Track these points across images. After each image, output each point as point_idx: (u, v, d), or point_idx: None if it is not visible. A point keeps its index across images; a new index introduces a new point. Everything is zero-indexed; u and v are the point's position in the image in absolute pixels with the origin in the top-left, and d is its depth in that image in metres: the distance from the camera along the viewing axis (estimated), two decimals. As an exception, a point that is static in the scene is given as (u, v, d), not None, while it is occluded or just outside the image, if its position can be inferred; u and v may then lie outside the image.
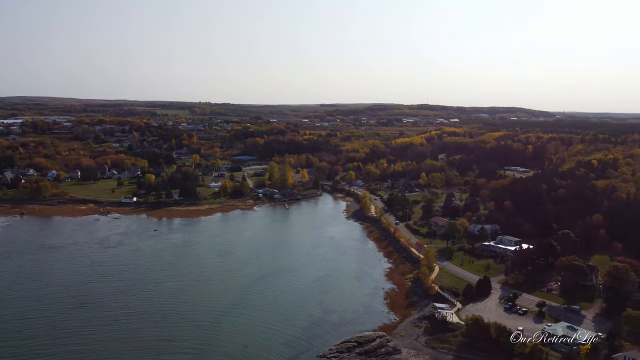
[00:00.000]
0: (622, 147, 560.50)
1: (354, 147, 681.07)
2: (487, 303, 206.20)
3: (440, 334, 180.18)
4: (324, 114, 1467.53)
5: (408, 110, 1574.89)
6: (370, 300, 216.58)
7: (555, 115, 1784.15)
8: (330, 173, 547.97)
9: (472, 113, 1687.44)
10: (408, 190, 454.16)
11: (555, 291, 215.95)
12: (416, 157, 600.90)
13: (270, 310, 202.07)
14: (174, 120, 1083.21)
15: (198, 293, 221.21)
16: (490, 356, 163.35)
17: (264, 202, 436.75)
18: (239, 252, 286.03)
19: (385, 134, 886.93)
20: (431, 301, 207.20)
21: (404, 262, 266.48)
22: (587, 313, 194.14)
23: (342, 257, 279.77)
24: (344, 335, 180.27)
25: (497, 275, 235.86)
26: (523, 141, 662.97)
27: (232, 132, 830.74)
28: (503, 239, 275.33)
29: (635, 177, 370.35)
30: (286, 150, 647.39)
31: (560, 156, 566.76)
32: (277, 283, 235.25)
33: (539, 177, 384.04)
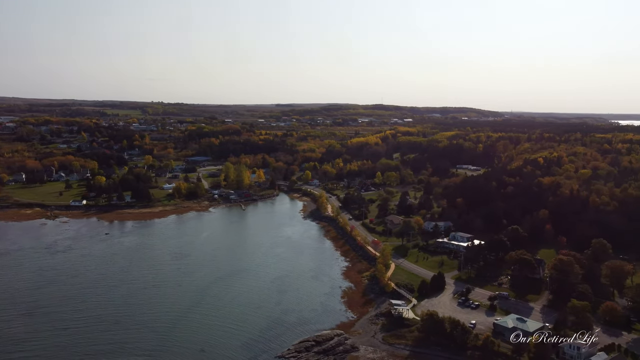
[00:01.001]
0: (566, 146, 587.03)
1: (310, 147, 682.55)
2: (442, 298, 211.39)
3: (396, 330, 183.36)
4: (279, 114, 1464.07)
5: (363, 110, 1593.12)
6: (327, 299, 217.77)
7: (503, 115, 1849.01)
8: (287, 173, 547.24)
9: (425, 113, 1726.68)
10: (364, 189, 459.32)
11: (506, 285, 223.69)
12: (371, 156, 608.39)
13: (228, 312, 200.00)
14: (125, 121, 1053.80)
15: (152, 297, 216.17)
16: (445, 350, 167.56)
17: (219, 203, 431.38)
18: (194, 255, 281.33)
19: (341, 134, 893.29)
20: (387, 298, 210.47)
21: (361, 261, 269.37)
22: (535, 305, 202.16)
23: (299, 257, 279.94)
24: (302, 334, 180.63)
25: (450, 270, 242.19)
26: (474, 140, 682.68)
27: (186, 132, 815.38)
28: (456, 235, 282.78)
29: (578, 174, 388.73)
30: (242, 151, 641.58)
31: (508, 154, 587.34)
32: (234, 284, 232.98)
33: (489, 175, 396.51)
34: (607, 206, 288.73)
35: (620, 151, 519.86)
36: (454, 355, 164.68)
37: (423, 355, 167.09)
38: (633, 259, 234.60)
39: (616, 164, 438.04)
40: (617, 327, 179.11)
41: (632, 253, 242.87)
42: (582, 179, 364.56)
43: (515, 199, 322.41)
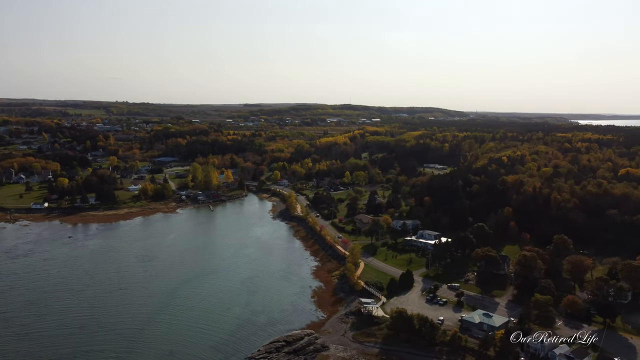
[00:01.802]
0: (528, 145, 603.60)
1: (278, 147, 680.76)
2: (410, 295, 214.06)
3: (366, 328, 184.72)
4: (248, 113, 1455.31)
5: (331, 110, 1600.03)
6: (297, 299, 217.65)
7: (469, 115, 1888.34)
8: (256, 173, 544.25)
9: (393, 113, 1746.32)
10: (333, 189, 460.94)
11: (472, 281, 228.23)
12: (340, 156, 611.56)
13: (197, 314, 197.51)
14: (89, 121, 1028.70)
15: (119, 301, 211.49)
16: (414, 346, 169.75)
17: (187, 205, 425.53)
18: (162, 257, 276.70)
19: (309, 134, 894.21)
20: (357, 297, 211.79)
21: (330, 260, 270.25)
22: (500, 300, 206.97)
23: (269, 257, 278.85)
24: (273, 335, 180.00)
25: (418, 268, 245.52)
26: (440, 140, 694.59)
27: (152, 132, 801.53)
28: (424, 233, 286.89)
29: (540, 172, 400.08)
30: (210, 151, 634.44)
31: (474, 153, 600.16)
32: (203, 286, 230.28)
33: (455, 174, 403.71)
34: (568, 203, 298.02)
35: (580, 150, 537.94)
36: (422, 352, 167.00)
37: (392, 352, 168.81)
38: (592, 253, 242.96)
39: (576, 162, 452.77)
40: (578, 319, 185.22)
41: (591, 248, 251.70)
42: (544, 177, 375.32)
43: (480, 197, 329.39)
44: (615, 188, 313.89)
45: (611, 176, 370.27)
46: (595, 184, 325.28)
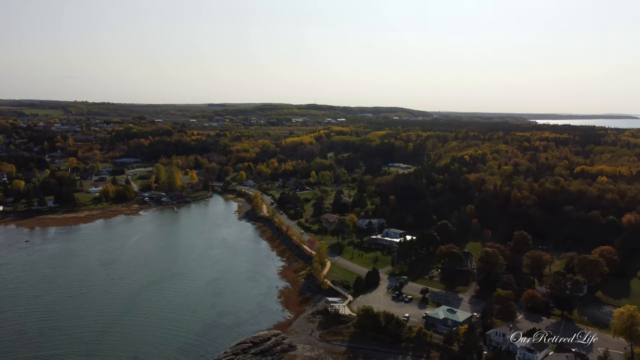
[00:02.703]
0: (489, 144, 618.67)
1: (244, 147, 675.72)
2: (377, 293, 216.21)
3: (333, 327, 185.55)
4: (212, 113, 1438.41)
5: (297, 110, 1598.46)
6: (264, 300, 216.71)
7: (432, 115, 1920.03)
8: (221, 174, 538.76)
9: (358, 113, 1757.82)
10: (299, 189, 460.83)
11: (437, 278, 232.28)
12: (306, 155, 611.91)
13: (161, 318, 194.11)
14: (46, 121, 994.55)
15: (80, 305, 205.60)
16: (381, 343, 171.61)
17: (150, 206, 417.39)
18: (124, 259, 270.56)
19: (275, 134, 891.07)
20: (324, 296, 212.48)
21: (297, 260, 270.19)
22: (464, 296, 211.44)
23: (235, 258, 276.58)
24: (239, 336, 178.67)
25: (384, 266, 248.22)
26: (404, 139, 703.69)
27: (113, 133, 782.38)
28: (389, 231, 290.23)
29: (501, 170, 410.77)
30: (173, 152, 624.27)
31: (437, 152, 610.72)
32: (168, 289, 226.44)
33: (419, 173, 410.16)
34: (527, 200, 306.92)
35: (538, 148, 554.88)
36: (389, 349, 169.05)
37: (359, 350, 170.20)
38: (550, 248, 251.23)
39: (534, 161, 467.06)
40: (538, 312, 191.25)
41: (549, 243, 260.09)
42: (505, 175, 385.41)
43: (444, 195, 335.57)
44: (571, 185, 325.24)
45: (567, 174, 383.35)
46: (552, 182, 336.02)
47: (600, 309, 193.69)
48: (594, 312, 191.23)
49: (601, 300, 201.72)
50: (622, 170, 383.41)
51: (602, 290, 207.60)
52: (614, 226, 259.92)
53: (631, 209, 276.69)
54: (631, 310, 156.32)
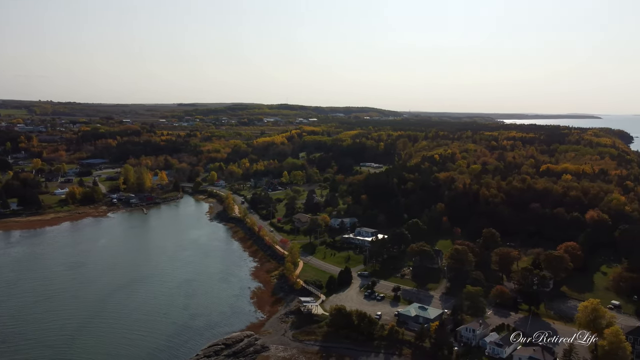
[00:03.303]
0: (459, 143, 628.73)
1: (215, 147, 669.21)
2: (349, 292, 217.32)
3: (306, 326, 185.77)
4: (182, 113, 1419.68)
5: (268, 110, 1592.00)
6: (237, 301, 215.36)
7: (402, 115, 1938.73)
8: (191, 174, 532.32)
9: (330, 112, 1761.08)
10: (271, 189, 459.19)
11: (408, 276, 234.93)
12: (278, 155, 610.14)
13: (132, 321, 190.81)
14: (8, 121, 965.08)
15: (46, 310, 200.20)
16: (353, 342, 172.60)
17: (119, 208, 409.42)
18: (92, 263, 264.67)
19: (246, 134, 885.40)
20: (297, 296, 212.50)
21: (269, 260, 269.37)
22: (435, 293, 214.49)
23: (206, 260, 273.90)
24: (211, 338, 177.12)
25: (357, 265, 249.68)
26: (376, 139, 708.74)
27: (79, 133, 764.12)
28: (361, 230, 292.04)
29: (470, 169, 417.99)
30: (142, 152, 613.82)
31: (408, 152, 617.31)
32: (138, 291, 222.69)
33: (391, 172, 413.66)
34: (495, 198, 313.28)
35: (506, 147, 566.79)
36: (361, 347, 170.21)
37: (332, 349, 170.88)
38: (518, 245, 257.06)
39: (502, 159, 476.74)
40: (506, 308, 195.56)
41: (516, 240, 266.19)
42: (473, 174, 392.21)
43: (414, 194, 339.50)
44: (537, 183, 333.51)
45: (534, 172, 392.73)
46: (519, 180, 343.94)
47: (566, 303, 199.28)
48: (559, 307, 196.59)
49: (566, 294, 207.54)
50: (585, 169, 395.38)
51: (567, 285, 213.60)
52: (578, 222, 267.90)
53: (594, 205, 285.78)
54: (594, 304, 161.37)
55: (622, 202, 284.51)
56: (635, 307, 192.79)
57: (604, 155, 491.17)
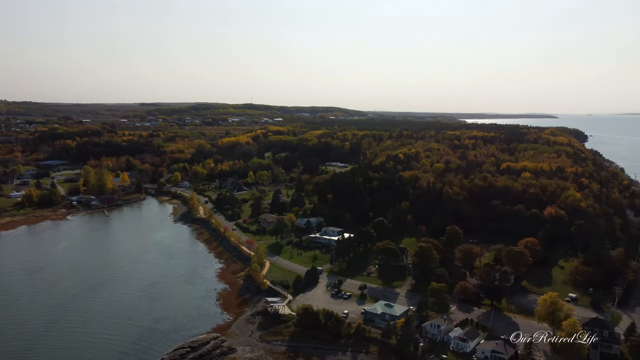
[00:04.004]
0: (422, 142, 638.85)
1: (178, 148, 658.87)
2: (316, 292, 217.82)
3: (273, 327, 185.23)
4: (144, 113, 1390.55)
5: (233, 110, 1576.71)
6: (202, 303, 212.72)
7: (367, 115, 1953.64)
8: (154, 175, 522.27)
9: (295, 112, 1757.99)
10: (236, 189, 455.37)
11: (374, 274, 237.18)
12: (243, 156, 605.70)
13: (94, 326, 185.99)
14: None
15: (0, 318, 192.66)
16: (321, 341, 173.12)
17: (79, 211, 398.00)
18: (52, 267, 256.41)
19: (211, 134, 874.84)
20: (263, 296, 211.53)
21: (236, 261, 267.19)
22: (400, 290, 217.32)
23: (171, 262, 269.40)
24: (177, 342, 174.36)
25: (323, 264, 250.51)
26: (341, 138, 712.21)
27: (36, 134, 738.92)
28: (327, 230, 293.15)
29: (433, 167, 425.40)
30: (103, 153, 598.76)
31: (373, 151, 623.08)
32: (101, 296, 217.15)
33: (356, 171, 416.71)
34: (458, 196, 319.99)
35: (468, 146, 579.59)
36: (329, 345, 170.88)
37: (300, 348, 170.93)
38: (480, 241, 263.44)
39: (464, 158, 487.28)
40: (470, 303, 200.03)
41: (479, 237, 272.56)
42: (437, 172, 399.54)
43: (380, 193, 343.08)
44: (498, 181, 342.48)
45: (494, 170, 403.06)
46: (481, 178, 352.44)
47: (526, 297, 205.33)
48: (520, 301, 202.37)
49: (526, 288, 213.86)
50: (543, 167, 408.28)
51: (527, 280, 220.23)
52: (537, 219, 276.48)
53: (551, 202, 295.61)
54: (553, 297, 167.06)
55: (578, 198, 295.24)
56: (590, 299, 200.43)
57: (560, 153, 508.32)
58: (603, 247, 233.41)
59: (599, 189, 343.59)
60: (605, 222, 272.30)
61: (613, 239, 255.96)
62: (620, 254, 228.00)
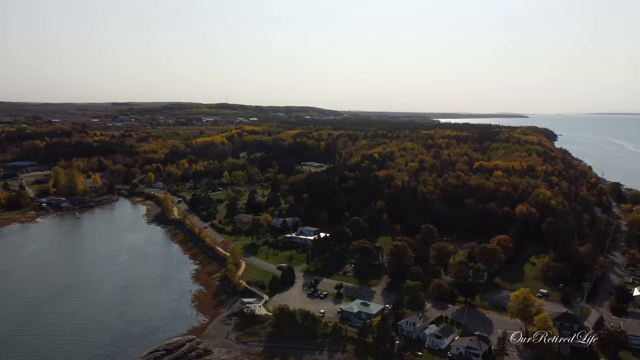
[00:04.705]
0: (397, 141, 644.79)
1: (152, 148, 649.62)
2: (292, 292, 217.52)
3: (250, 327, 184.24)
4: (116, 113, 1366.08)
5: (207, 110, 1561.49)
6: (177, 305, 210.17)
7: (342, 114, 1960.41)
8: (127, 176, 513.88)
9: (270, 112, 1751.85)
10: (211, 190, 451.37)
11: (350, 273, 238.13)
12: (218, 156, 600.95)
13: (66, 330, 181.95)
14: None
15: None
16: (297, 341, 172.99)
17: (49, 213, 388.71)
18: (20, 271, 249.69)
19: (185, 134, 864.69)
20: (239, 297, 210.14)
21: (211, 262, 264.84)
22: (376, 289, 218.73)
23: (145, 264, 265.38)
24: (151, 345, 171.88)
25: (299, 264, 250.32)
26: (316, 138, 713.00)
27: (3, 134, 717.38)
28: (303, 229, 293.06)
29: (408, 167, 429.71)
30: (74, 154, 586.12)
31: (348, 151, 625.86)
32: (72, 299, 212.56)
33: (332, 171, 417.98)
34: (432, 195, 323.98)
35: (441, 145, 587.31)
36: (305, 345, 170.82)
37: (276, 349, 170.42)
38: (454, 239, 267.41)
39: (438, 157, 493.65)
40: (444, 300, 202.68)
41: (453, 234, 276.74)
42: (411, 171, 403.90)
43: (355, 192, 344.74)
44: (471, 179, 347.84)
45: (467, 169, 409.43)
46: (454, 177, 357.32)
47: (499, 294, 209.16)
48: (493, 297, 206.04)
49: (499, 285, 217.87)
50: (515, 165, 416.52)
51: (500, 276, 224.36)
52: (509, 216, 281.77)
53: (523, 200, 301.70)
54: (525, 293, 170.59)
55: (548, 196, 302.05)
56: (561, 294, 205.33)
57: (531, 152, 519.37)
58: (572, 244, 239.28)
59: (568, 187, 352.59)
60: (574, 219, 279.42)
61: (581, 236, 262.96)
62: (588, 250, 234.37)
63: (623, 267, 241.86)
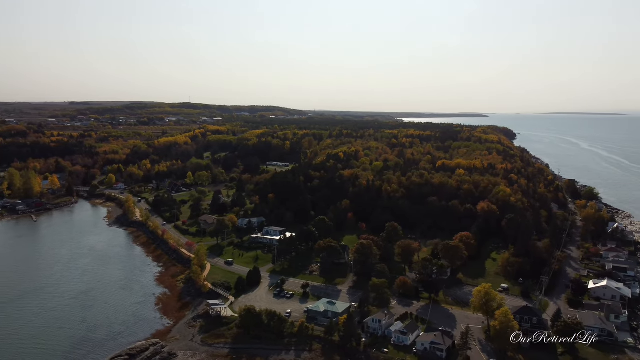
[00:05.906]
0: (362, 141, 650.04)
1: (112, 149, 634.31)
2: (258, 292, 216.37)
3: (215, 329, 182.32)
4: (74, 112, 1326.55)
5: (170, 109, 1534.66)
6: (140, 309, 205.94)
7: (307, 114, 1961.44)
8: (87, 178, 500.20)
9: (235, 111, 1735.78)
10: (175, 191, 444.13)
11: (316, 272, 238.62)
12: (181, 156, 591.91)
13: (23, 337, 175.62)
14: None
15: None
16: (264, 341, 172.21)
17: (3, 216, 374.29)
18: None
19: (147, 134, 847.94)
20: (205, 299, 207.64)
21: (175, 264, 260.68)
22: (342, 287, 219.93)
23: (106, 267, 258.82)
24: (113, 350, 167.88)
25: (265, 264, 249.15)
26: (282, 138, 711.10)
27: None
28: (269, 229, 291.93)
29: (372, 166, 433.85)
30: (29, 155, 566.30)
31: (313, 150, 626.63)
32: (29, 305, 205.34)
33: (297, 170, 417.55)
34: (397, 193, 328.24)
35: (405, 145, 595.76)
36: (272, 345, 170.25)
37: (243, 350, 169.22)
38: (418, 237, 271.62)
39: (402, 156, 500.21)
40: (409, 297, 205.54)
41: (417, 232, 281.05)
42: (376, 170, 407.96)
43: (321, 192, 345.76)
44: (434, 178, 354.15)
45: (431, 167, 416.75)
46: (418, 175, 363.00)
47: (462, 289, 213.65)
48: (456, 293, 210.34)
49: (462, 281, 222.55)
50: (476, 164, 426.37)
51: (462, 272, 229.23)
52: (470, 213, 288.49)
53: (484, 197, 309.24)
54: (486, 288, 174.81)
55: (508, 193, 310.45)
56: (520, 288, 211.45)
57: (491, 150, 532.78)
58: (531, 239, 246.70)
59: (526, 184, 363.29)
60: (533, 216, 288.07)
61: (540, 231, 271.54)
62: (546, 245, 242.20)
63: (579, 261, 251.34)
